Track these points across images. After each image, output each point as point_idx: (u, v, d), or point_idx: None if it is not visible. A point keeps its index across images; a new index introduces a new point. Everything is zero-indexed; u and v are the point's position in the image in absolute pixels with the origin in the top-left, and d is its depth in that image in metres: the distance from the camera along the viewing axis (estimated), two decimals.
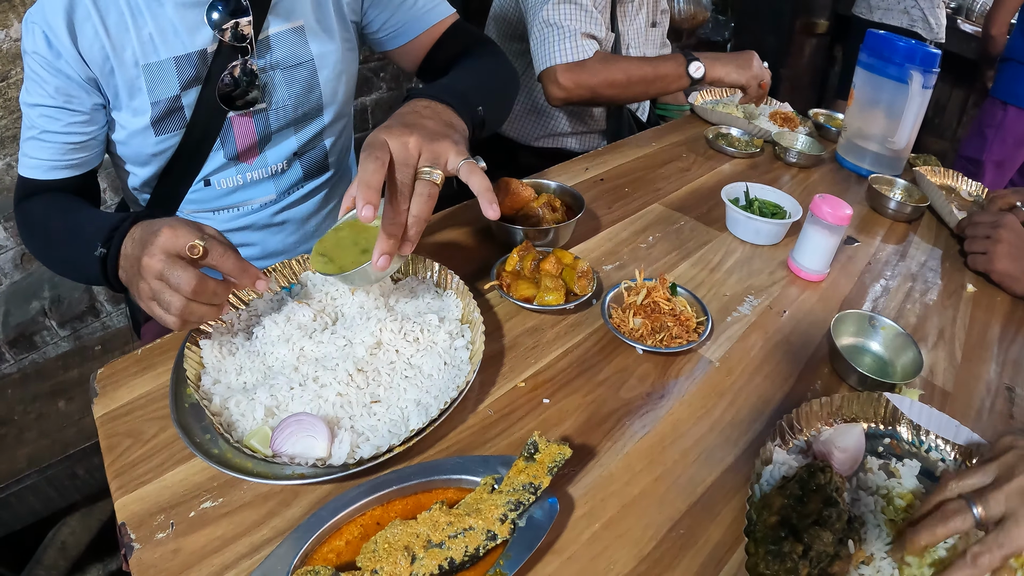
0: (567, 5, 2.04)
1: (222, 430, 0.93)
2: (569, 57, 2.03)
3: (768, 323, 1.29)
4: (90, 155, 1.41)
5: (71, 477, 2.17)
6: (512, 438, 0.99)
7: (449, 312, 1.17)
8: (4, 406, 2.35)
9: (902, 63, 1.82)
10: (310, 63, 1.49)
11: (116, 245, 1.12)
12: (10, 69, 2.53)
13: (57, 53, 1.28)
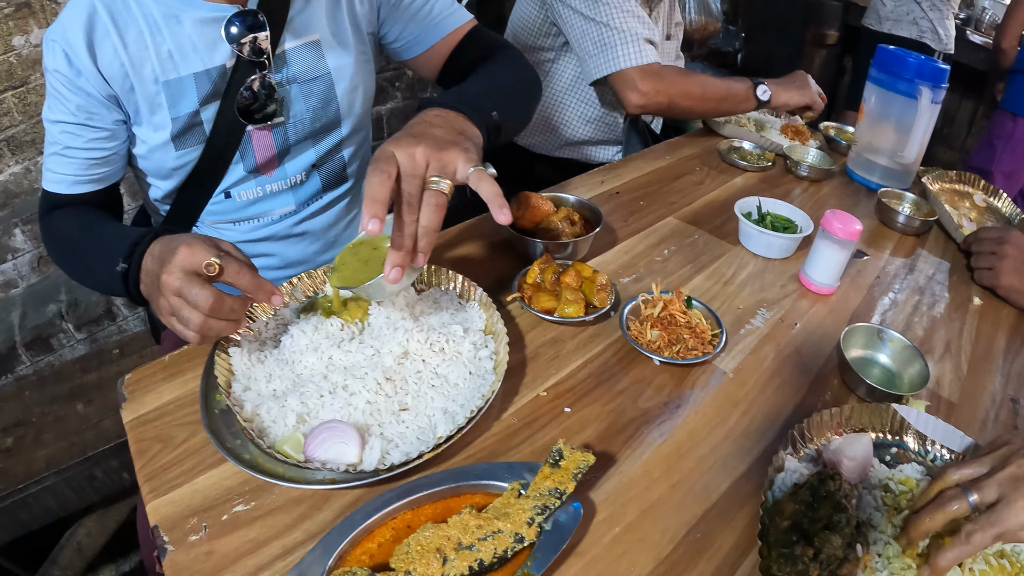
0: (624, 12, 2.08)
1: (254, 436, 0.97)
2: (635, 61, 2.06)
3: (780, 335, 1.33)
4: (112, 169, 1.44)
5: (89, 479, 2.20)
6: (535, 445, 1.03)
7: (473, 323, 1.21)
8: (22, 408, 2.38)
9: (912, 79, 1.86)
10: (327, 76, 1.51)
11: (137, 261, 1.15)
12: (29, 74, 2.56)
13: (77, 71, 1.30)
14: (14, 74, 2.53)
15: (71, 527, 2.34)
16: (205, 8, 1.33)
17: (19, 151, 2.65)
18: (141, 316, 3.07)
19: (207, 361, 1.13)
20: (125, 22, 1.31)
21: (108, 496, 2.31)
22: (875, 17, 4.48)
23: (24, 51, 2.52)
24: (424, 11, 1.63)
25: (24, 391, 2.49)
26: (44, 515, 2.19)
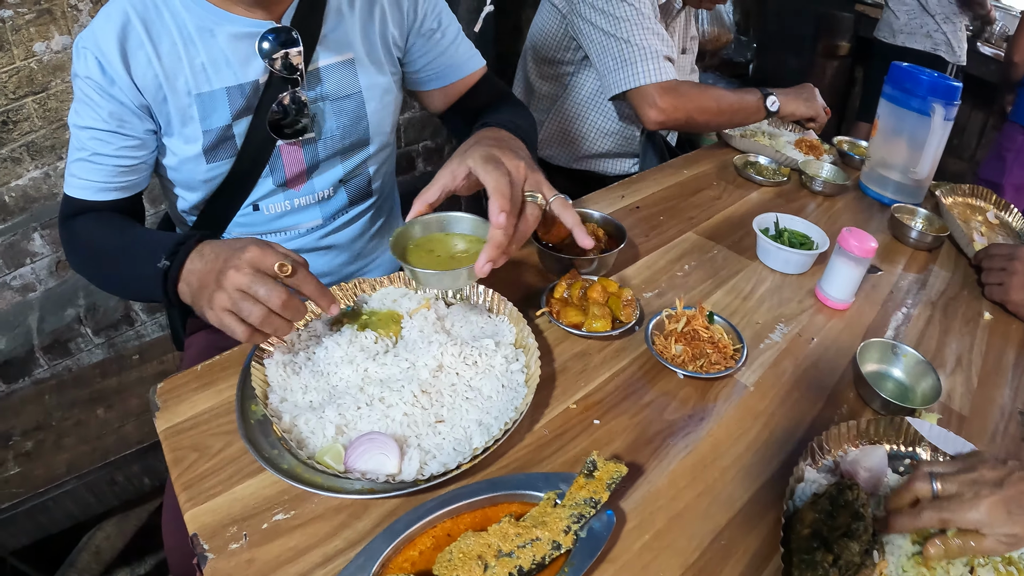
0: (644, 30, 2.12)
1: (294, 446, 1.01)
2: (654, 78, 2.11)
3: (798, 350, 1.36)
4: (139, 178, 1.45)
5: (110, 483, 2.23)
6: (567, 456, 1.07)
7: (503, 337, 1.24)
8: (42, 411, 2.40)
9: (925, 96, 1.90)
10: (358, 95, 1.54)
11: (180, 259, 1.17)
12: (50, 80, 2.61)
13: (111, 80, 1.31)
14: (35, 80, 2.57)
15: (90, 531, 2.36)
16: (240, 23, 1.36)
17: (39, 156, 2.69)
18: (159, 322, 3.10)
19: (242, 371, 1.17)
20: (159, 32, 1.33)
21: (128, 501, 2.33)
22: (888, 30, 4.52)
23: (45, 57, 2.56)
24: (451, 49, 1.69)
25: (44, 395, 2.50)
26: (64, 519, 2.21)
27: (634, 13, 2.12)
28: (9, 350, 2.72)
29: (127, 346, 3.04)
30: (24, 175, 2.70)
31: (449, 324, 1.27)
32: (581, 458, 1.06)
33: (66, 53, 2.63)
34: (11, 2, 2.44)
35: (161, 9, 1.33)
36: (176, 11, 1.34)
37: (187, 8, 1.34)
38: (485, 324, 1.29)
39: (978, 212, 2.06)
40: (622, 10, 2.12)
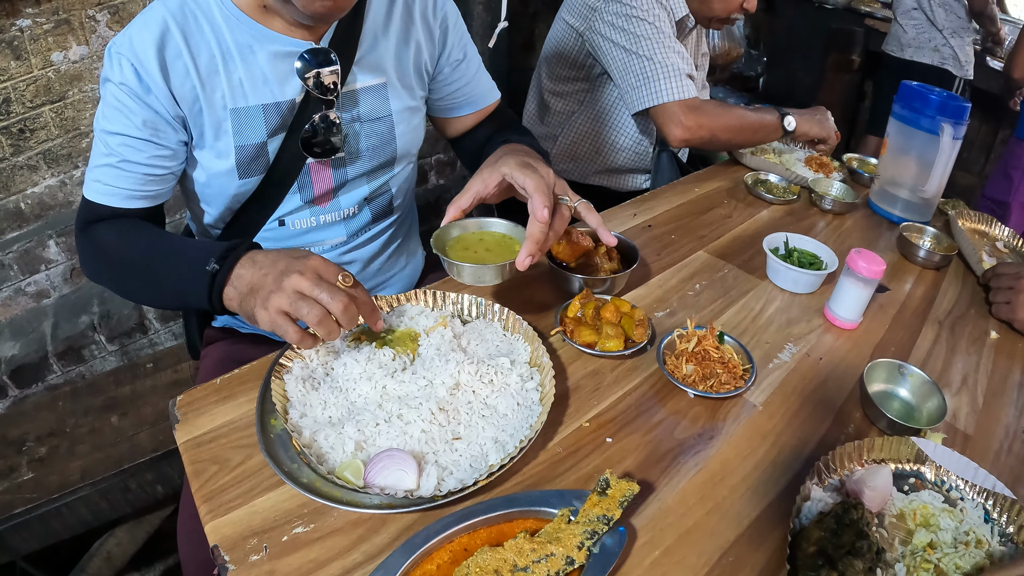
0: (665, 48, 2.17)
1: (314, 461, 1.03)
2: (677, 95, 2.15)
3: (806, 369, 1.39)
4: (165, 188, 1.45)
5: (123, 491, 2.25)
6: (580, 473, 1.09)
7: (518, 355, 1.27)
8: (56, 418, 2.42)
9: (934, 115, 1.93)
10: (389, 118, 1.57)
11: (231, 263, 1.20)
12: (67, 90, 2.64)
13: (147, 88, 1.31)
14: (52, 89, 2.61)
15: (101, 536, 2.38)
16: (280, 41, 1.38)
17: (55, 164, 2.72)
18: (173, 331, 3.13)
19: (262, 385, 1.19)
20: (198, 44, 1.35)
21: (140, 508, 2.35)
22: (896, 44, 4.55)
23: (63, 67, 2.60)
24: (474, 81, 1.77)
25: (57, 401, 2.52)
26: (77, 524, 2.22)
27: (653, 31, 2.16)
28: (23, 355, 2.74)
29: (140, 354, 3.07)
30: (40, 183, 2.74)
31: (465, 342, 1.29)
32: (594, 475, 1.09)
33: (83, 63, 2.66)
34: (29, 12, 2.47)
35: (201, 21, 1.35)
36: (216, 25, 1.36)
37: (228, 23, 1.36)
38: (500, 342, 1.32)
39: (985, 237, 2.08)
40: (642, 28, 2.16)
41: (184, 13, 1.33)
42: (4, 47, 2.48)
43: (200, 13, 1.35)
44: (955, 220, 2.01)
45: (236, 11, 1.35)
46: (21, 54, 2.52)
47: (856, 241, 1.98)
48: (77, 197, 2.87)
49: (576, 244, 1.53)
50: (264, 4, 1.36)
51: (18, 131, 2.62)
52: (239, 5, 1.36)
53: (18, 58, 2.52)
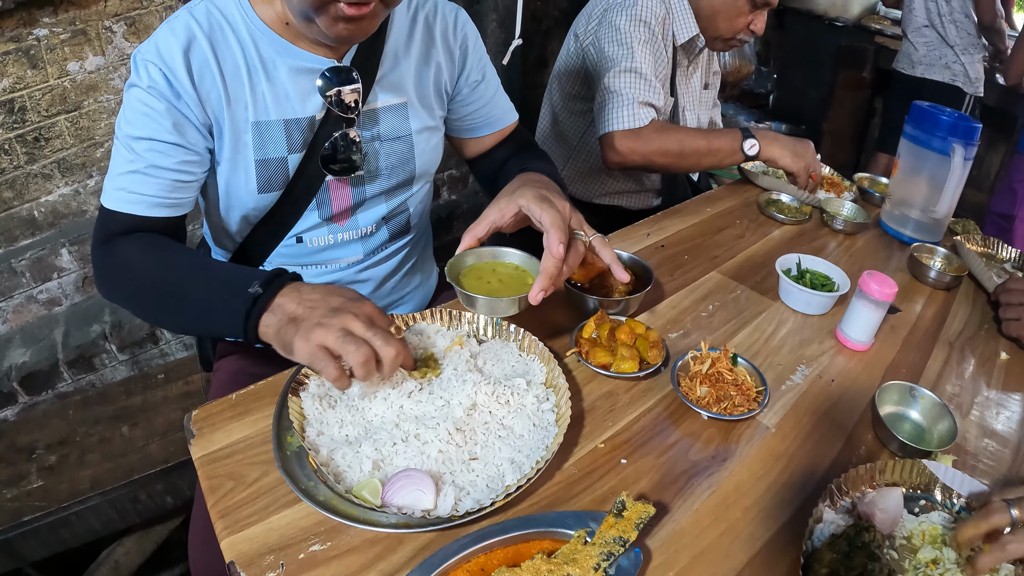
0: (628, 74, 2.19)
1: (332, 480, 1.05)
2: (626, 124, 2.18)
3: (818, 391, 1.40)
4: (189, 197, 1.43)
5: (133, 501, 2.26)
6: (595, 494, 1.11)
7: (534, 376, 1.29)
8: (66, 426, 2.44)
9: (945, 136, 1.94)
10: (408, 137, 1.59)
11: (274, 290, 1.19)
12: (83, 100, 2.69)
13: (176, 93, 1.32)
14: (68, 99, 2.66)
15: (109, 546, 2.40)
16: (304, 58, 1.40)
17: (69, 173, 2.77)
18: (184, 342, 3.16)
19: (278, 403, 1.20)
20: (223, 54, 1.37)
21: (149, 518, 2.36)
22: (907, 61, 4.58)
23: (79, 77, 2.65)
24: (492, 102, 1.78)
25: (68, 410, 2.53)
26: (85, 533, 2.23)
27: (625, 55, 2.22)
28: (34, 363, 2.77)
29: (151, 364, 3.09)
30: (54, 191, 2.78)
31: (482, 362, 1.31)
32: (608, 496, 1.10)
33: (99, 73, 2.70)
34: (46, 21, 2.52)
35: (227, 31, 1.36)
36: (242, 36, 1.37)
37: (253, 36, 1.38)
38: (516, 363, 1.34)
39: (993, 260, 2.10)
40: (616, 52, 2.24)
41: (211, 23, 1.35)
42: (21, 56, 2.52)
43: (226, 24, 1.37)
44: (962, 244, 2.02)
45: (261, 24, 1.37)
46: (38, 63, 2.57)
47: (868, 262, 1.99)
48: (91, 206, 2.90)
49: (591, 265, 1.55)
50: (288, 21, 1.38)
51: (33, 139, 2.66)
52: (264, 19, 1.37)
53: (34, 67, 2.57)
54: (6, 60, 2.52)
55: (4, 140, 2.63)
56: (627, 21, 2.25)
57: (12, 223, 2.78)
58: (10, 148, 2.65)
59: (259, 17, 1.37)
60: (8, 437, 2.44)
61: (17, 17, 2.48)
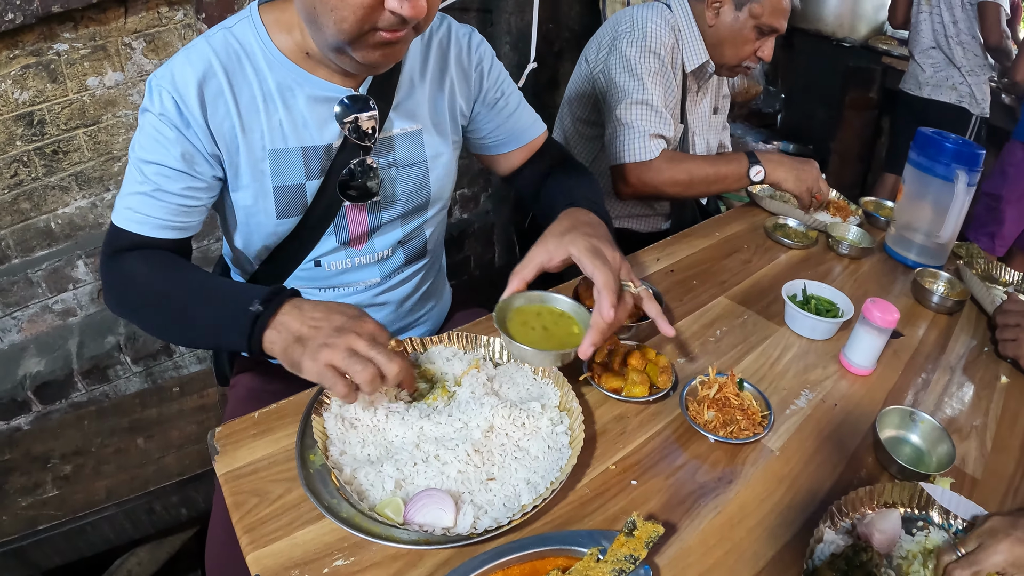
0: (640, 106, 2.25)
1: (356, 498, 1.10)
2: (637, 157, 2.24)
3: (821, 415, 1.44)
4: (197, 221, 1.47)
5: (148, 512, 2.30)
6: (607, 514, 1.16)
7: (548, 400, 1.34)
8: (82, 437, 2.48)
9: (949, 163, 1.99)
10: (423, 163, 1.62)
11: (274, 307, 1.24)
12: (101, 114, 2.73)
13: (186, 123, 1.35)
14: (87, 113, 2.70)
15: (122, 555, 2.44)
16: (321, 86, 1.44)
17: (86, 186, 2.81)
18: (198, 355, 3.20)
19: (301, 422, 1.26)
20: (239, 84, 1.40)
21: (163, 530, 2.41)
22: (914, 82, 4.63)
23: (98, 92, 2.69)
24: (515, 117, 1.80)
25: (83, 420, 2.58)
26: (100, 542, 2.28)
27: (636, 87, 2.29)
28: (48, 372, 2.80)
29: (165, 376, 3.13)
30: (71, 203, 2.83)
31: (498, 385, 1.37)
32: (619, 516, 1.16)
33: (118, 89, 2.75)
34: (67, 36, 2.56)
35: (244, 62, 1.40)
36: (259, 66, 1.41)
37: (270, 65, 1.41)
38: (531, 386, 1.39)
39: (996, 283, 2.14)
40: (628, 83, 2.30)
41: (228, 53, 1.39)
42: (41, 70, 2.56)
43: (244, 54, 1.40)
44: (965, 268, 2.06)
45: (279, 55, 1.41)
46: (57, 77, 2.61)
47: (872, 286, 2.04)
48: (107, 219, 2.96)
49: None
50: (307, 51, 1.41)
51: (51, 152, 2.71)
52: (282, 48, 1.41)
53: (54, 81, 2.61)
54: (27, 73, 2.56)
55: (23, 152, 2.68)
56: (637, 52, 2.32)
57: (29, 234, 2.83)
58: (29, 160, 2.70)
59: (277, 46, 1.41)
60: (23, 446, 2.49)
61: (38, 31, 2.53)
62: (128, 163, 1.42)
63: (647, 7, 2.43)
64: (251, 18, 1.42)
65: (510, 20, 3.39)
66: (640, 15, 2.39)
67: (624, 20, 2.41)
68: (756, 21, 2.35)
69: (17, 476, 2.37)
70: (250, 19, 1.42)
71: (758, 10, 2.33)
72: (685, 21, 2.44)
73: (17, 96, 2.58)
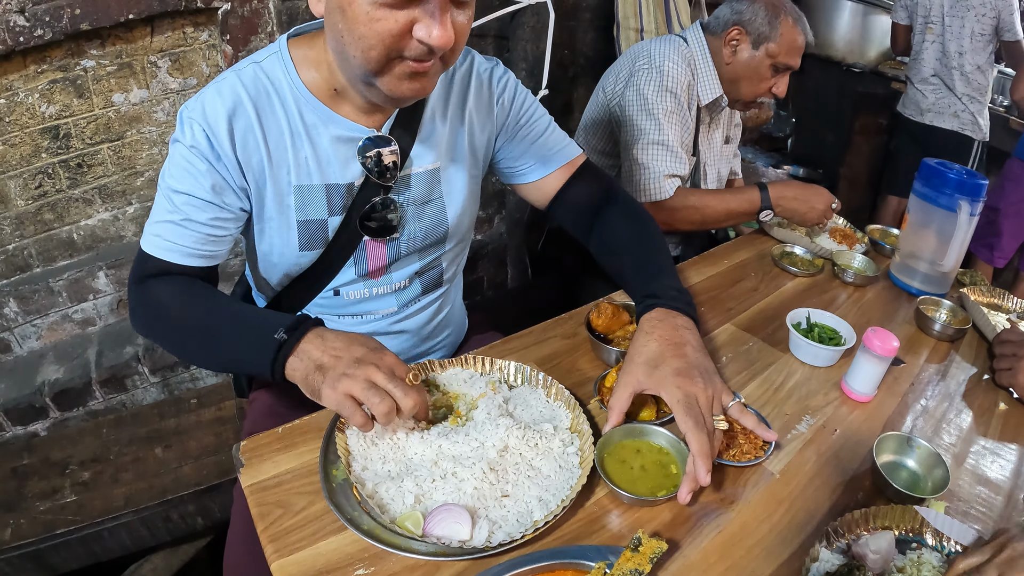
0: (656, 147, 2.33)
1: (377, 511, 1.18)
2: (652, 197, 2.33)
3: (821, 440, 1.50)
4: (223, 250, 1.52)
5: (165, 520, 2.39)
6: (614, 531, 1.22)
7: (560, 421, 1.42)
8: (100, 445, 2.57)
9: (952, 194, 2.05)
10: (440, 200, 1.66)
11: (298, 336, 1.30)
12: (126, 130, 2.83)
13: (217, 156, 1.40)
14: (111, 128, 2.80)
15: (137, 561, 2.50)
16: (346, 126, 1.48)
17: (109, 200, 2.91)
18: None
19: (324, 438, 1.35)
20: (268, 119, 1.44)
21: (179, 537, 2.48)
22: (915, 108, 4.68)
23: (123, 108, 2.78)
24: (541, 141, 1.79)
25: (101, 428, 2.68)
26: (116, 548, 2.36)
27: (653, 127, 2.35)
28: (67, 379, 2.88)
29: (182, 388, 3.20)
30: (94, 216, 2.92)
31: (512, 407, 1.44)
32: (626, 533, 1.22)
33: (143, 106, 2.84)
34: (94, 53, 2.65)
35: (273, 98, 1.44)
36: (287, 102, 1.45)
37: (298, 102, 1.45)
38: (544, 408, 1.47)
39: (999, 310, 2.18)
40: (645, 123, 2.36)
41: (258, 88, 1.43)
42: (68, 85, 2.66)
43: (272, 89, 1.44)
44: (967, 296, 2.12)
45: (306, 92, 1.45)
46: (84, 93, 2.71)
47: (876, 314, 2.09)
48: (128, 232, 3.04)
49: (614, 318, 1.69)
50: (335, 88, 1.45)
51: (76, 165, 2.80)
52: (308, 84, 1.45)
53: (80, 96, 2.70)
54: (54, 88, 2.66)
55: (48, 164, 2.78)
56: (655, 91, 2.39)
57: (52, 244, 2.92)
58: (53, 172, 2.80)
59: (303, 83, 1.45)
60: (42, 451, 2.58)
61: (66, 47, 2.62)
62: (157, 191, 1.47)
63: (664, 41, 2.51)
64: (280, 53, 1.47)
65: (526, 47, 3.48)
66: (658, 51, 2.46)
67: (642, 55, 2.48)
68: (773, 60, 2.44)
69: (36, 481, 2.45)
70: (279, 54, 1.46)
71: (775, 49, 2.42)
72: (701, 56, 2.52)
73: (44, 110, 2.67)
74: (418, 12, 1.21)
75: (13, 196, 2.78)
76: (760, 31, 2.41)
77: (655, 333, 1.50)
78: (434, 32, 1.21)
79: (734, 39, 2.46)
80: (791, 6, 2.43)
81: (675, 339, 1.48)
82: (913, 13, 4.62)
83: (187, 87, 2.99)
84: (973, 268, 2.53)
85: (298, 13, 3.01)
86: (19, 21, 2.37)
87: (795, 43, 2.40)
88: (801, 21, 2.43)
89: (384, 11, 1.20)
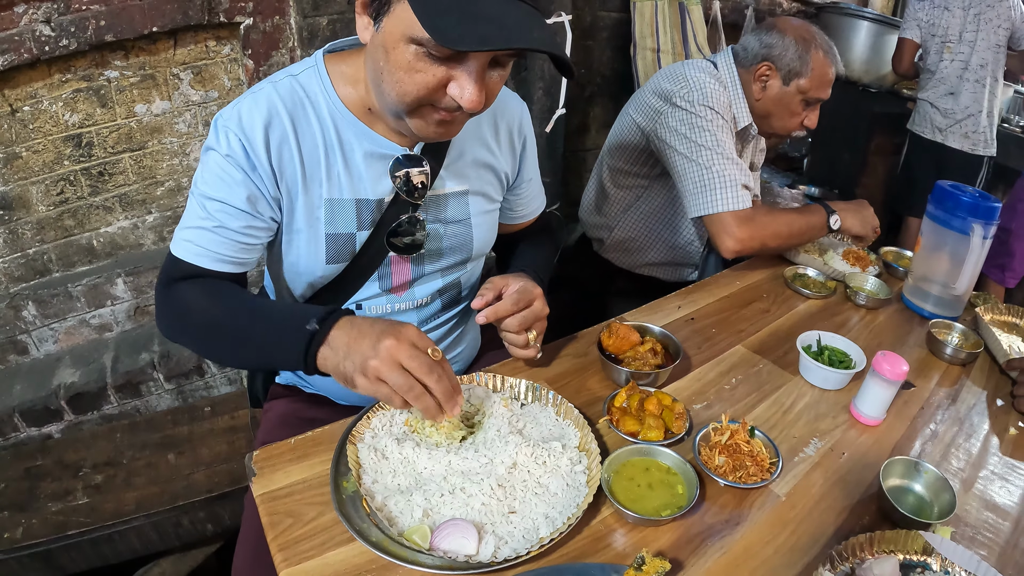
0: (722, 159, 2.30)
1: (386, 524, 1.20)
2: (732, 206, 2.27)
3: (829, 463, 1.50)
4: (253, 258, 1.53)
5: (175, 525, 2.42)
6: (618, 549, 1.24)
7: (569, 440, 1.43)
8: (113, 449, 2.61)
9: (965, 216, 2.05)
10: (467, 221, 1.69)
11: (329, 325, 1.31)
12: (147, 140, 2.88)
13: (252, 165, 1.40)
14: (133, 138, 2.85)
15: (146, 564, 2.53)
16: (379, 143, 1.50)
17: (129, 208, 2.95)
18: (228, 376, 3.30)
19: (336, 451, 1.37)
20: (303, 132, 1.45)
21: (189, 543, 2.51)
22: (927, 126, 4.68)
23: (145, 118, 2.84)
24: (527, 196, 1.94)
25: (115, 433, 2.71)
26: (126, 551, 2.39)
27: (713, 141, 2.31)
28: (82, 383, 2.92)
29: (196, 396, 3.23)
30: (114, 223, 2.97)
31: (522, 424, 1.46)
32: (630, 552, 1.23)
33: (164, 117, 2.90)
34: (118, 64, 2.70)
35: (308, 111, 1.46)
36: (323, 116, 1.47)
37: (333, 117, 1.47)
38: (553, 426, 1.49)
39: (1015, 330, 2.18)
40: (704, 138, 2.31)
41: (294, 100, 1.45)
42: (91, 94, 2.71)
43: (308, 102, 1.46)
44: (981, 317, 2.12)
45: (341, 106, 1.47)
46: (107, 102, 2.76)
47: (888, 336, 2.09)
48: (147, 240, 3.09)
49: (624, 338, 1.71)
50: (369, 106, 1.47)
51: (97, 173, 2.85)
52: (345, 100, 1.47)
53: (103, 106, 2.76)
54: (77, 97, 2.71)
55: (70, 171, 2.83)
56: (702, 108, 2.36)
57: (71, 249, 2.97)
58: (75, 179, 2.85)
59: (340, 98, 1.47)
60: (55, 453, 2.62)
61: (90, 58, 2.68)
62: (190, 196, 1.47)
63: (693, 65, 2.50)
64: (316, 68, 1.49)
65: (544, 66, 3.47)
66: (692, 74, 2.44)
67: (676, 78, 2.45)
68: (804, 96, 2.43)
69: (48, 482, 2.49)
70: (316, 68, 1.49)
71: (806, 85, 2.41)
72: (731, 83, 2.51)
73: (67, 118, 2.73)
74: (457, 71, 1.24)
75: (35, 202, 2.82)
76: (791, 67, 2.40)
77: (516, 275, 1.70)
78: (466, 94, 1.24)
79: (764, 75, 2.45)
80: (822, 37, 2.41)
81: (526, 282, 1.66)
82: (927, 33, 4.63)
83: (208, 100, 3.04)
84: (985, 290, 2.52)
85: (319, 29, 3.05)
86: (45, 31, 2.42)
87: (826, 77, 2.40)
88: (832, 52, 2.41)
89: (425, 63, 1.23)
